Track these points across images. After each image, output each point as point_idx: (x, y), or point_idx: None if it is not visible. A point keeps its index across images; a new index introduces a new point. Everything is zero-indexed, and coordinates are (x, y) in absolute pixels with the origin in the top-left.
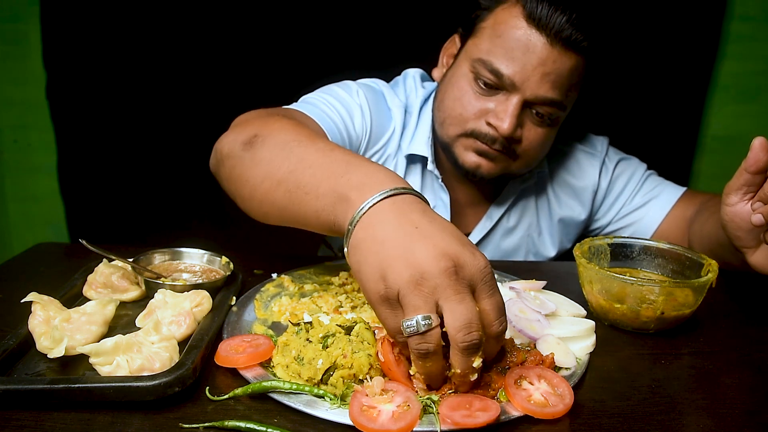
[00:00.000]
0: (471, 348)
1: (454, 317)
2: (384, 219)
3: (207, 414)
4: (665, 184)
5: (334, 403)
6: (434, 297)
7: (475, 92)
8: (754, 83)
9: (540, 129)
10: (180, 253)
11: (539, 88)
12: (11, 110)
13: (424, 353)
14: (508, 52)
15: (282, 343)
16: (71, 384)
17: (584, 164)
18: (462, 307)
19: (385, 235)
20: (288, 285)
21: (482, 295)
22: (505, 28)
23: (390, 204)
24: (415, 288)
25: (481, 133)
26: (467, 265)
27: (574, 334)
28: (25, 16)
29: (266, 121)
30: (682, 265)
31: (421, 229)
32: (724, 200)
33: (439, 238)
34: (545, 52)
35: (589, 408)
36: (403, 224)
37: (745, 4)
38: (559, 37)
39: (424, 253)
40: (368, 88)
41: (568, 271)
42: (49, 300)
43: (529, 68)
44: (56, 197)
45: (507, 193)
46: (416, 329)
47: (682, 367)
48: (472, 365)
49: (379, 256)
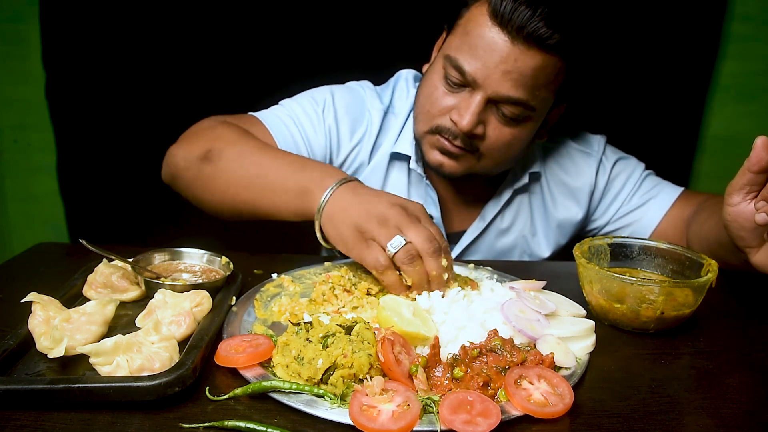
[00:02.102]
0: (437, 251)
1: (417, 235)
2: (344, 197)
3: (207, 414)
4: (663, 184)
5: (334, 403)
6: (397, 229)
7: (444, 89)
8: (754, 83)
9: (506, 128)
10: (180, 253)
11: (500, 86)
12: (11, 110)
13: (411, 258)
14: (472, 50)
15: (282, 343)
16: (71, 384)
17: (580, 164)
18: (419, 228)
19: (349, 205)
20: (288, 285)
21: (426, 225)
22: (472, 25)
23: (344, 187)
24: (383, 225)
25: (444, 128)
26: (410, 206)
27: (574, 334)
28: (25, 16)
29: (216, 135)
30: (681, 265)
31: (372, 195)
32: (727, 200)
33: (386, 197)
34: (506, 50)
35: (589, 408)
36: (358, 195)
37: (745, 4)
38: (521, 34)
39: (380, 206)
40: (347, 90)
41: (568, 271)
42: (49, 300)
43: (490, 66)
44: (56, 197)
45: (501, 193)
46: (399, 243)
47: (682, 367)
48: (442, 265)
49: (351, 217)
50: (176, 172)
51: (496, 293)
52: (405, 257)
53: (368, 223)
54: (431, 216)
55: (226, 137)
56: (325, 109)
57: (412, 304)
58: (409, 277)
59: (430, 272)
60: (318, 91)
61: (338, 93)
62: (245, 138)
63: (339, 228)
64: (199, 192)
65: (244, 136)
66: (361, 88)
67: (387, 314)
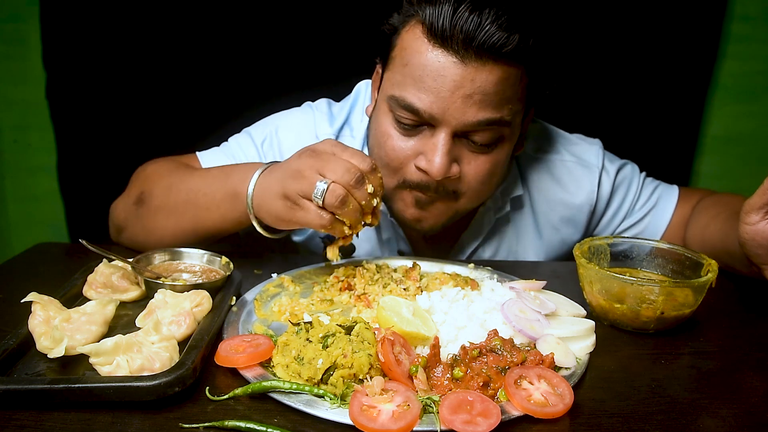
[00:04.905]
0: (358, 181)
1: (334, 171)
2: (264, 180)
3: (207, 414)
4: (661, 187)
5: (334, 403)
6: (315, 175)
7: (398, 134)
8: (754, 83)
9: (482, 157)
10: (180, 253)
11: (464, 114)
12: (11, 110)
13: (340, 200)
14: (418, 82)
15: (282, 343)
16: (71, 384)
17: (580, 178)
18: (334, 162)
19: (269, 183)
20: (288, 285)
21: (341, 154)
22: (410, 54)
23: (263, 174)
24: (301, 178)
25: (413, 181)
26: (318, 146)
27: (574, 334)
28: (25, 16)
29: (145, 176)
30: (681, 265)
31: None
32: (744, 219)
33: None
34: (458, 72)
35: (589, 408)
36: (273, 171)
37: (745, 4)
38: (470, 48)
39: (289, 163)
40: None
41: (568, 271)
42: (49, 300)
43: (445, 95)
44: (56, 197)
45: (479, 223)
46: (322, 188)
47: (682, 367)
48: (368, 192)
49: (273, 191)
50: (119, 224)
51: (496, 293)
52: (334, 200)
53: (288, 186)
54: (402, 252)
55: (155, 175)
56: (264, 143)
57: (412, 304)
58: (345, 218)
59: (359, 202)
60: (260, 125)
61: (283, 124)
62: (174, 170)
63: (269, 208)
64: (145, 234)
65: (173, 170)
66: (312, 110)
67: (387, 314)
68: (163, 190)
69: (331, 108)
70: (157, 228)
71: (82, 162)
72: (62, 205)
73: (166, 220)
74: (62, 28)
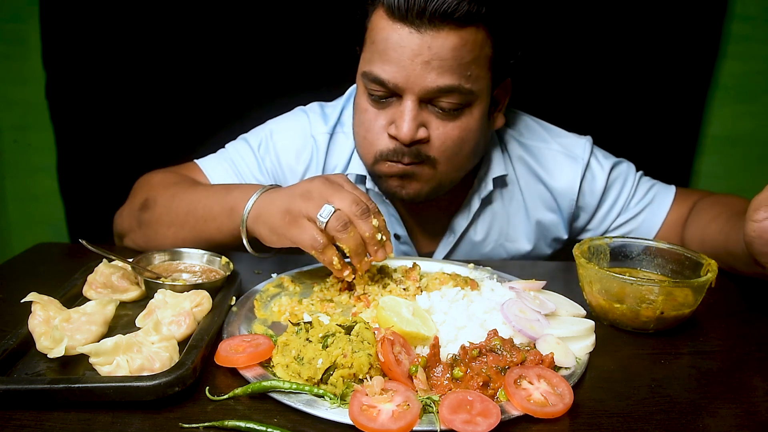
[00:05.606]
0: (365, 212)
1: (343, 200)
2: (266, 198)
3: (207, 414)
4: (657, 186)
5: (334, 403)
6: (323, 200)
7: (372, 108)
8: (754, 83)
9: (450, 123)
10: (180, 253)
11: (425, 80)
12: (11, 110)
13: (343, 224)
14: (383, 56)
15: (282, 343)
16: (71, 384)
17: (563, 165)
18: (344, 193)
19: (272, 200)
20: (288, 285)
21: (350, 189)
22: (375, 32)
23: (266, 193)
24: (309, 199)
25: (388, 150)
26: (331, 176)
27: (574, 334)
28: (25, 16)
29: (152, 185)
30: (681, 265)
31: (292, 185)
32: (752, 216)
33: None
34: (416, 41)
35: (588, 408)
36: (280, 191)
37: (745, 4)
38: (423, 18)
39: (301, 185)
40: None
41: (568, 271)
42: (49, 300)
43: (406, 64)
44: (56, 197)
45: (468, 204)
46: (329, 211)
47: (682, 367)
48: (373, 225)
49: (276, 206)
50: (122, 229)
51: (496, 293)
52: (337, 224)
53: (294, 203)
54: (398, 236)
55: (161, 185)
56: (261, 147)
57: (411, 304)
58: (345, 244)
59: (363, 234)
60: (254, 131)
61: (277, 128)
62: (179, 182)
63: (267, 220)
64: (146, 239)
65: (178, 182)
66: (305, 113)
67: (387, 314)
68: (167, 199)
69: (323, 108)
70: (159, 236)
71: (82, 162)
72: (62, 205)
73: (167, 229)
74: (62, 28)
